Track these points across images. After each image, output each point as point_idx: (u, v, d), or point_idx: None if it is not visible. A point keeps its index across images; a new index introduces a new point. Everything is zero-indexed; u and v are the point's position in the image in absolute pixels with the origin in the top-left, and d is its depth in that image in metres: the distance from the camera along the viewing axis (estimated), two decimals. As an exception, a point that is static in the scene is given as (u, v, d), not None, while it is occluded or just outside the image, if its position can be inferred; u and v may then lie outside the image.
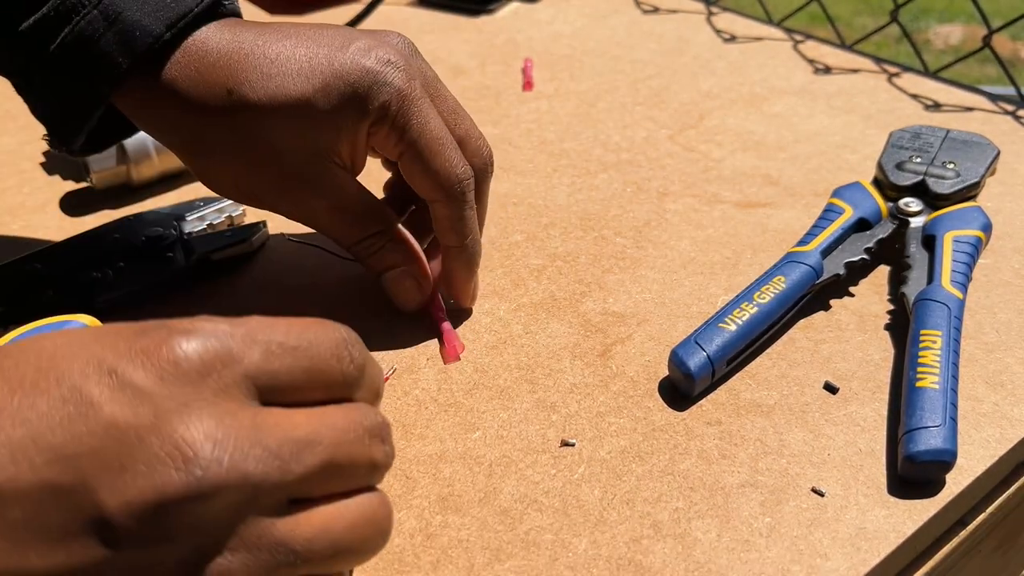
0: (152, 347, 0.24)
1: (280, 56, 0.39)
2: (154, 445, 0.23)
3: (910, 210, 0.48)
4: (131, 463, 0.23)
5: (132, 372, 0.24)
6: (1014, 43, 2.46)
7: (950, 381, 0.38)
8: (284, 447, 0.25)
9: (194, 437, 0.23)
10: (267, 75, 0.39)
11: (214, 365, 0.25)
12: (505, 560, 0.33)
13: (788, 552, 0.34)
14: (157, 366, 0.24)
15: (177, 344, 0.24)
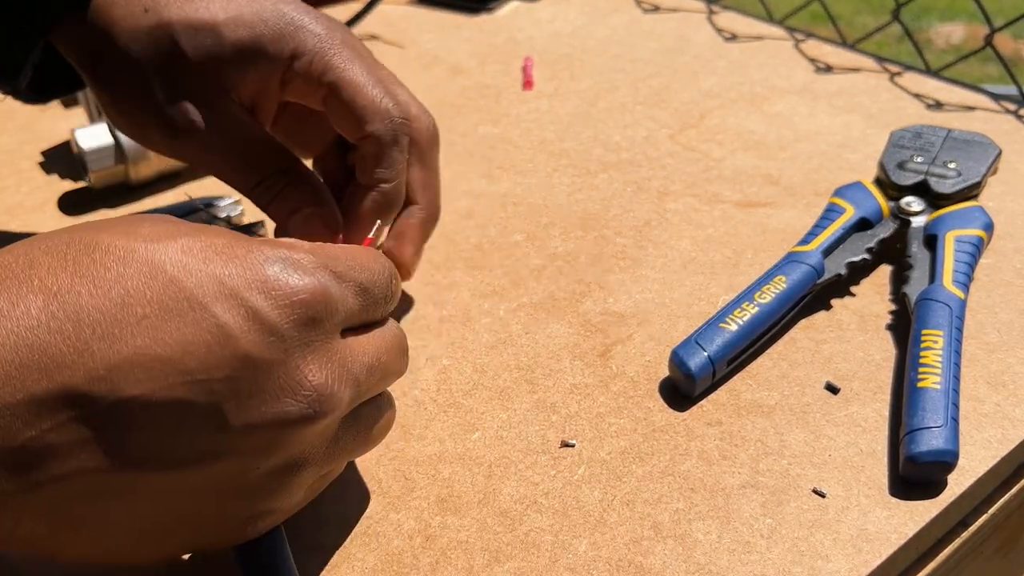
0: (280, 284, 0.27)
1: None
2: (281, 378, 0.26)
3: (911, 210, 0.48)
4: (259, 390, 0.26)
5: (265, 307, 0.26)
6: (1016, 42, 2.46)
7: (952, 381, 0.38)
8: (363, 374, 0.29)
9: (314, 374, 0.27)
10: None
11: (329, 310, 0.28)
12: (505, 561, 0.33)
13: (789, 553, 0.33)
14: (287, 305, 0.26)
15: (303, 283, 0.27)
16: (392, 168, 0.40)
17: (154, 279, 0.25)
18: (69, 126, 0.63)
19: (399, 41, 0.77)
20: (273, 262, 0.27)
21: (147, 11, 0.38)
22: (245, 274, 0.26)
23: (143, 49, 0.38)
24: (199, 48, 0.38)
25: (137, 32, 0.38)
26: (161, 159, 0.55)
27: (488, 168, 0.58)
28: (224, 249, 0.27)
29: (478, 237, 0.51)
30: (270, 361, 0.26)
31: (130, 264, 0.25)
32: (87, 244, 0.26)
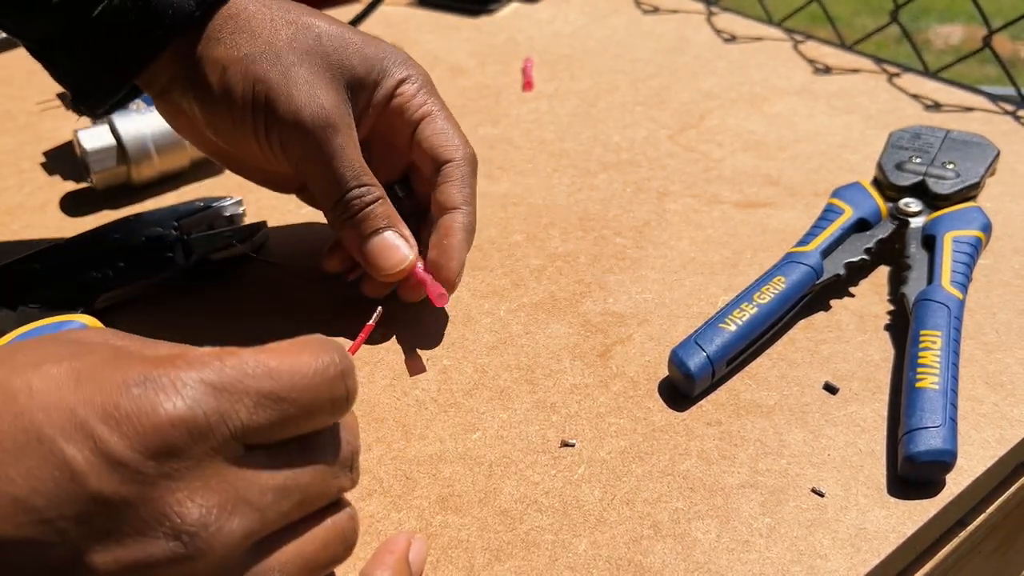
0: (134, 412, 0.23)
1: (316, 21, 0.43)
2: (141, 514, 0.23)
3: (910, 210, 0.48)
4: (118, 529, 0.23)
5: (115, 441, 0.23)
6: (1014, 43, 2.46)
7: (950, 381, 0.38)
8: (264, 497, 0.25)
9: (181, 504, 0.24)
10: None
11: (201, 431, 0.24)
12: (505, 560, 0.33)
13: (788, 552, 0.34)
14: (141, 436, 0.23)
15: (161, 411, 0.24)
16: (470, 192, 0.44)
17: (8, 411, 0.23)
18: (71, 127, 0.63)
19: (399, 42, 0.77)
20: (134, 385, 0.24)
21: (288, 22, 0.42)
22: (97, 402, 0.23)
23: (259, 91, 0.41)
24: (337, 51, 0.42)
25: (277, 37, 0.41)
26: (163, 160, 0.55)
27: (488, 168, 0.58)
28: (88, 374, 0.24)
29: (478, 237, 0.51)
30: (125, 497, 0.23)
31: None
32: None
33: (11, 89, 0.70)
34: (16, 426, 0.23)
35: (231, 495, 0.24)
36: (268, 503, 0.25)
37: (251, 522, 0.25)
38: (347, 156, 0.41)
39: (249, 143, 0.42)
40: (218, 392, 0.24)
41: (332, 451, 0.28)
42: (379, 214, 0.42)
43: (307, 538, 0.27)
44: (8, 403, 0.23)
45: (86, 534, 0.23)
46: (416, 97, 0.44)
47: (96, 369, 0.24)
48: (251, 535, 0.25)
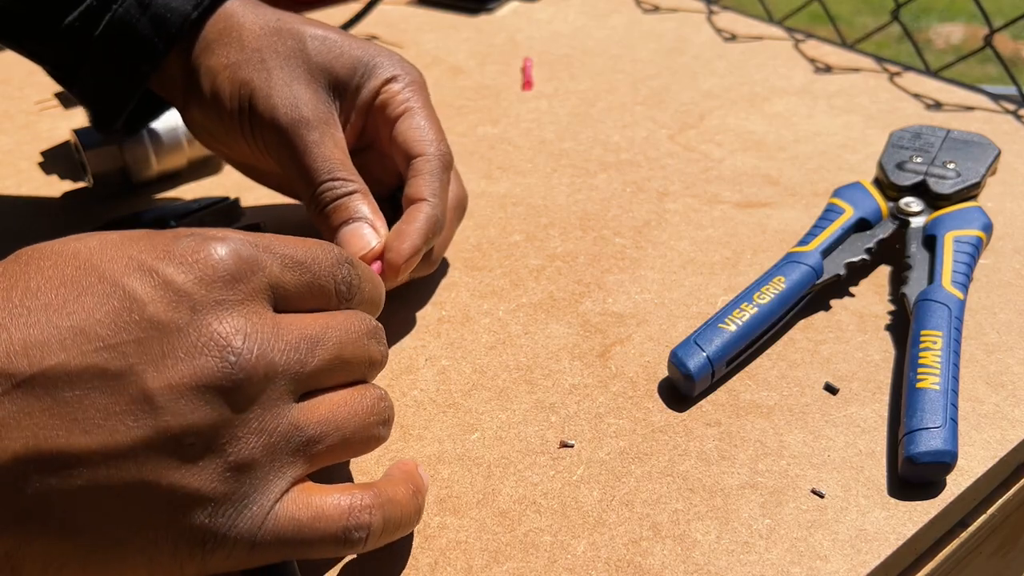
0: (188, 251, 0.27)
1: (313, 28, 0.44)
2: (192, 336, 0.26)
3: (911, 210, 0.48)
4: (172, 351, 0.26)
5: (172, 272, 0.27)
6: (1015, 42, 2.46)
7: (951, 382, 0.38)
8: (301, 342, 0.28)
9: (227, 331, 0.27)
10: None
11: (244, 272, 0.28)
12: (504, 562, 0.33)
13: (788, 554, 0.33)
14: (195, 268, 0.27)
15: (212, 249, 0.27)
16: (441, 186, 0.43)
17: (69, 264, 0.27)
18: (69, 126, 0.63)
19: (399, 41, 0.77)
20: (185, 236, 0.28)
21: (277, 22, 0.44)
22: (155, 247, 0.27)
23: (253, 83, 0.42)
24: (320, 53, 0.43)
25: (260, 38, 0.43)
26: (161, 160, 0.55)
27: (488, 168, 0.58)
28: (141, 235, 0.28)
29: (477, 237, 0.51)
30: (178, 321, 0.26)
31: (50, 257, 0.27)
32: (27, 253, 0.28)
33: (9, 89, 0.70)
34: (81, 274, 0.26)
35: (271, 332, 0.28)
36: (304, 348, 0.28)
37: (291, 361, 0.28)
38: (321, 151, 0.41)
39: (242, 146, 0.44)
40: (254, 245, 0.28)
41: (356, 319, 0.31)
42: (350, 207, 0.41)
43: (342, 402, 0.30)
44: (70, 257, 0.27)
45: (144, 358, 0.25)
46: (399, 95, 0.44)
47: (147, 233, 0.28)
48: (290, 373, 0.28)
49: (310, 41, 0.43)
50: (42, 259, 0.27)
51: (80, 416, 0.25)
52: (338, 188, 0.41)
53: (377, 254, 0.41)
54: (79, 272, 0.26)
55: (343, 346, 0.30)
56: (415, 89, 0.44)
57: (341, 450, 0.30)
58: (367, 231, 0.41)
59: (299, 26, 0.44)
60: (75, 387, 0.25)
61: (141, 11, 0.43)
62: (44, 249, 0.27)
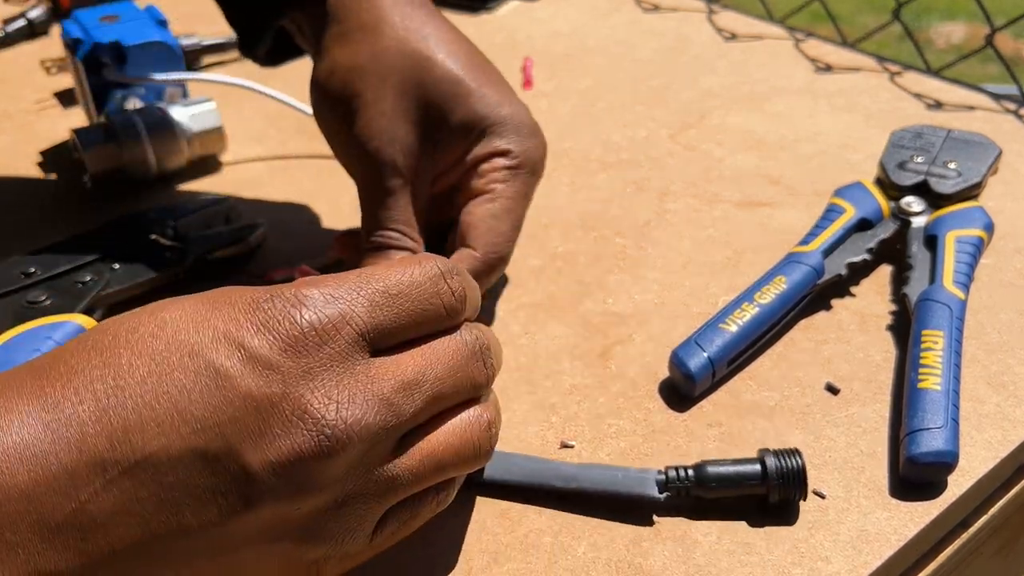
0: (272, 321, 0.27)
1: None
2: (286, 411, 0.26)
3: (912, 210, 0.48)
4: (268, 428, 0.25)
5: (259, 346, 0.26)
6: (1016, 42, 2.45)
7: (952, 382, 0.38)
8: (396, 393, 0.28)
9: (320, 401, 0.26)
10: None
11: (329, 332, 0.27)
12: (504, 563, 0.33)
13: (789, 555, 0.33)
14: (280, 339, 0.26)
15: (295, 316, 0.27)
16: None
17: (156, 339, 0.26)
18: (68, 126, 0.63)
19: (399, 41, 0.77)
20: (262, 300, 0.27)
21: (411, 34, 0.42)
22: (237, 316, 0.27)
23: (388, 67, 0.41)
24: (443, 96, 0.41)
25: (389, 52, 0.41)
26: (160, 160, 0.55)
27: (488, 168, 0.58)
28: (218, 299, 0.27)
29: (477, 237, 0.51)
30: (270, 396, 0.26)
31: (137, 331, 0.27)
32: (112, 328, 0.27)
33: (8, 88, 0.69)
34: (168, 351, 0.26)
35: (363, 392, 0.27)
36: (401, 398, 0.28)
37: (387, 416, 0.27)
38: (395, 202, 0.41)
39: (333, 142, 0.44)
40: (336, 299, 0.27)
41: (457, 346, 0.30)
42: (392, 252, 0.41)
43: (442, 444, 0.29)
44: (158, 334, 0.26)
45: (242, 436, 0.25)
46: (496, 173, 0.41)
47: (222, 296, 0.28)
48: (387, 428, 0.27)
49: (439, 82, 0.41)
50: (129, 334, 0.27)
51: (187, 497, 0.25)
52: (396, 241, 0.41)
53: None
54: (168, 348, 0.26)
55: (442, 381, 0.29)
56: (517, 174, 0.42)
57: (443, 477, 0.30)
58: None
59: (437, 55, 0.41)
60: (178, 471, 0.25)
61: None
62: (129, 322, 0.27)
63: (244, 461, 0.25)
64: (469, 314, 0.31)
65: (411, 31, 0.42)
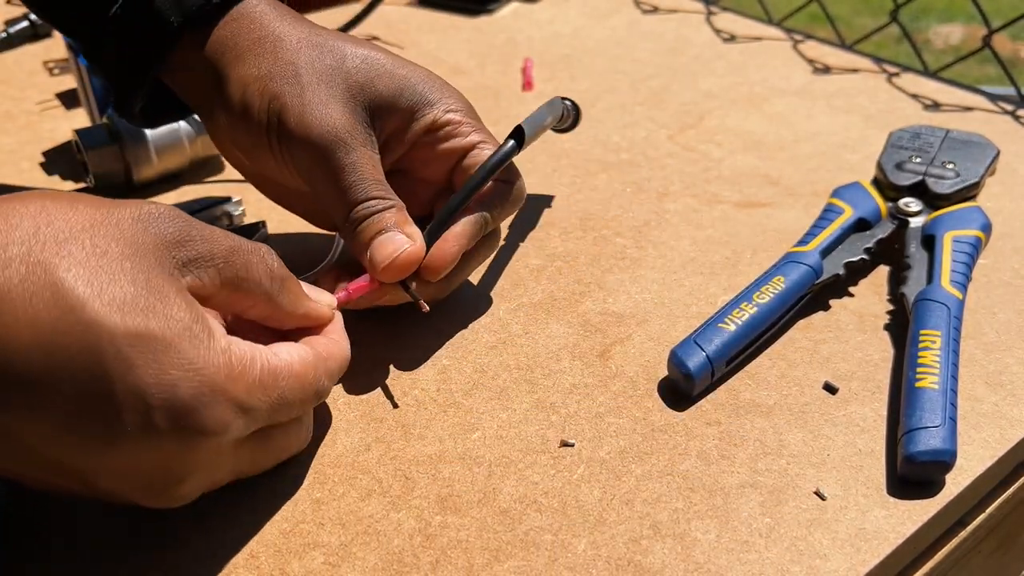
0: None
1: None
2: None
3: (910, 210, 0.48)
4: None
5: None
6: (1014, 43, 2.46)
7: (950, 381, 0.38)
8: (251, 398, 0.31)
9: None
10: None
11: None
12: (504, 560, 0.33)
13: (788, 553, 0.34)
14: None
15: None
16: (503, 204, 0.44)
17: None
18: (70, 126, 0.63)
19: (399, 42, 0.77)
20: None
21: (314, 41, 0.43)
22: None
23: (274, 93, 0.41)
24: (360, 72, 0.42)
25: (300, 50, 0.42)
26: (163, 160, 0.55)
27: (488, 169, 0.58)
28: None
29: (478, 237, 0.51)
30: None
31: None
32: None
33: (11, 89, 0.70)
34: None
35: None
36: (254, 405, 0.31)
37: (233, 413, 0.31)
38: (358, 171, 0.40)
39: (268, 160, 0.42)
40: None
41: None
42: (384, 219, 0.40)
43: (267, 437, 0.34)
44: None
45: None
46: (461, 128, 0.43)
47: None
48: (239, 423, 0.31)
49: (350, 59, 0.42)
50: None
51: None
52: (375, 206, 0.40)
53: (411, 257, 0.40)
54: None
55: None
56: (473, 124, 0.44)
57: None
58: (399, 237, 0.40)
59: (339, 43, 0.42)
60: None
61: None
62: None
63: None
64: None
65: (305, 28, 0.43)
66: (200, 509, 0.35)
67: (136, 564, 0.33)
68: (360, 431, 0.39)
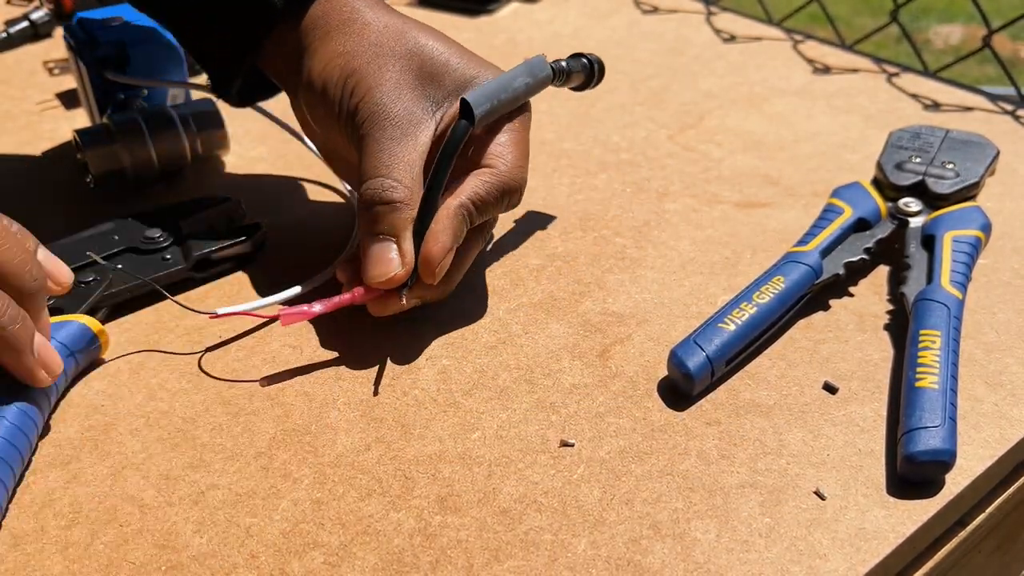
0: None
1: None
2: None
3: (909, 210, 0.48)
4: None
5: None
6: (1014, 43, 2.46)
7: (949, 381, 0.38)
8: None
9: None
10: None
11: None
12: (504, 560, 0.33)
13: (787, 552, 0.34)
14: None
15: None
16: (488, 194, 0.43)
17: None
18: (70, 126, 0.63)
19: (399, 42, 0.77)
20: None
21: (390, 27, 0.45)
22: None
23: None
24: (435, 63, 0.44)
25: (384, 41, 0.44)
26: (162, 161, 0.55)
27: (488, 169, 0.58)
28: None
29: (478, 237, 0.51)
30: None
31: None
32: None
33: (11, 89, 0.70)
34: None
35: None
36: None
37: None
38: (393, 152, 0.42)
39: (338, 136, 0.44)
40: None
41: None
42: (386, 219, 0.41)
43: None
44: None
45: None
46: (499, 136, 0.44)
47: None
48: None
49: (427, 50, 0.44)
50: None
51: None
52: (385, 189, 0.41)
53: (398, 280, 0.41)
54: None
55: None
56: (516, 114, 0.45)
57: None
58: (394, 257, 0.41)
59: (419, 34, 0.44)
60: None
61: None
62: None
63: None
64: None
65: (392, 16, 0.45)
66: (200, 509, 0.35)
67: (136, 564, 0.33)
68: (360, 431, 0.39)
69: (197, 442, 0.38)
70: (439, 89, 0.44)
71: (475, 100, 0.42)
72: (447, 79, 0.44)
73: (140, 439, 0.39)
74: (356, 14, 0.45)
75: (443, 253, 0.41)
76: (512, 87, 0.44)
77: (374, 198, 0.41)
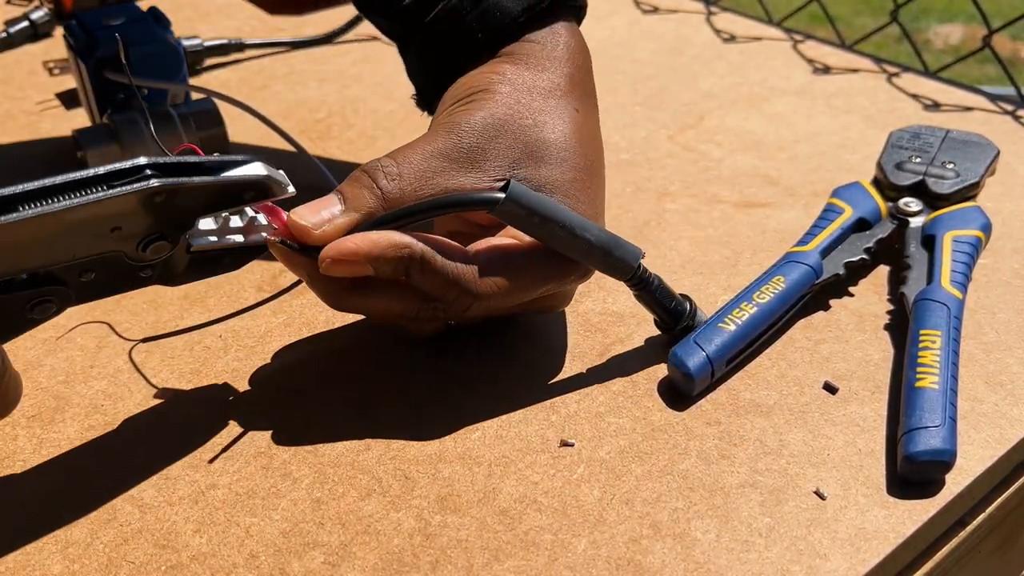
0: None
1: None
2: None
3: (910, 210, 0.48)
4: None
5: None
6: (1014, 43, 2.46)
7: (949, 381, 0.38)
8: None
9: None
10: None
11: None
12: (504, 560, 0.33)
13: (787, 552, 0.34)
14: None
15: None
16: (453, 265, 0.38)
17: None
18: (70, 126, 0.63)
19: (399, 42, 0.77)
20: None
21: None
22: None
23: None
24: (535, 154, 0.40)
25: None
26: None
27: (488, 169, 0.58)
28: None
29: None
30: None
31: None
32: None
33: (11, 89, 0.70)
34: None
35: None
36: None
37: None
38: (429, 163, 0.38)
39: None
40: None
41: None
42: (360, 193, 0.37)
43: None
44: None
45: None
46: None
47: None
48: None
49: (537, 129, 0.40)
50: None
51: None
52: (383, 175, 0.38)
53: (308, 235, 0.36)
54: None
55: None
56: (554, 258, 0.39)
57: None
58: (329, 215, 0.37)
59: (546, 116, 0.41)
60: None
61: (474, 4, 0.43)
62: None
63: None
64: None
65: (549, 85, 0.42)
66: (200, 509, 0.35)
67: (136, 563, 0.33)
68: (360, 431, 0.39)
69: (197, 442, 0.38)
70: (522, 169, 0.40)
71: (519, 194, 0.37)
72: (543, 169, 0.40)
73: (140, 438, 0.39)
74: (518, 67, 0.42)
75: (346, 252, 0.36)
76: (569, 223, 0.38)
77: (369, 170, 0.38)
